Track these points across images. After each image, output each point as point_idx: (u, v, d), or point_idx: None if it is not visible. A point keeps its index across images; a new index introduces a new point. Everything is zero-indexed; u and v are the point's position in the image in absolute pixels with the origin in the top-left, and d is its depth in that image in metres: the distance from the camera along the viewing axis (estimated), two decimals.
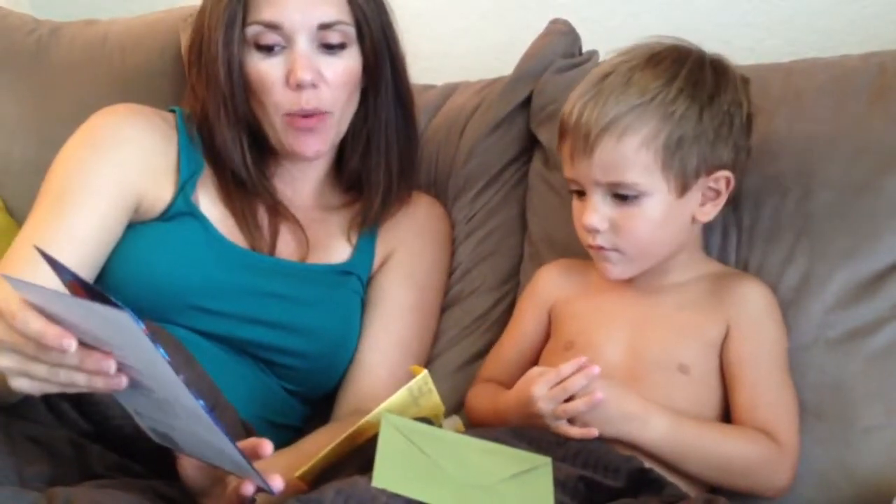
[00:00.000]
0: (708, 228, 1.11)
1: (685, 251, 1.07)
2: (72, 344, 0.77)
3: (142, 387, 0.80)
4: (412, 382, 0.98)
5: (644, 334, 1.04)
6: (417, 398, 1.01)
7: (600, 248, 1.02)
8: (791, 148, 1.12)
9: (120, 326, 0.75)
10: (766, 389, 1.01)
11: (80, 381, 0.80)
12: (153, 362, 0.76)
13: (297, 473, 0.96)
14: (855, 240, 1.08)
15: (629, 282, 1.07)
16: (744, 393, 1.01)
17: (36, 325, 0.77)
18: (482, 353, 1.22)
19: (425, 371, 0.99)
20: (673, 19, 1.45)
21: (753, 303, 1.05)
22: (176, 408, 0.80)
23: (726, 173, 1.03)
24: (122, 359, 0.78)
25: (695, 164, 1.00)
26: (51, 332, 0.77)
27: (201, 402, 0.77)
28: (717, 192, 1.04)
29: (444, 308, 1.28)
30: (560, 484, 0.90)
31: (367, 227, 1.22)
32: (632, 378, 1.02)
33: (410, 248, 1.24)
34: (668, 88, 0.99)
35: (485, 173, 1.33)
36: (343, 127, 1.18)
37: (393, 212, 1.23)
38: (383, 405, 0.95)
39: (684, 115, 0.99)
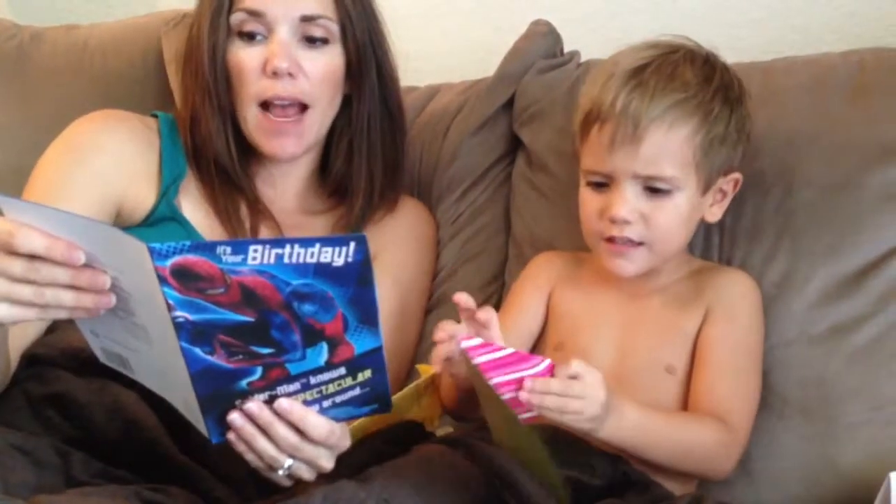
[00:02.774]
0: None
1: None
2: (81, 256, 0.76)
3: (121, 309, 0.80)
4: (420, 380, 0.99)
5: (632, 337, 1.05)
6: (422, 397, 1.01)
7: (625, 242, 1.01)
8: (772, 146, 1.13)
9: (122, 250, 0.74)
10: (728, 373, 1.01)
11: (67, 301, 0.79)
12: (149, 293, 0.75)
13: None
14: (836, 237, 1.08)
15: (619, 282, 1.07)
16: (706, 374, 1.01)
17: (41, 239, 0.76)
18: None
19: (434, 370, 0.99)
20: (654, 19, 1.46)
21: (731, 289, 1.05)
22: (151, 335, 0.80)
23: (737, 175, 1.05)
24: (114, 279, 0.78)
25: (719, 164, 1.02)
26: (60, 245, 0.75)
27: (183, 343, 0.77)
28: (724, 194, 1.06)
29: (430, 309, 1.28)
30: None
31: (349, 232, 1.22)
32: (620, 381, 1.02)
33: (395, 251, 1.23)
34: (707, 87, 1.01)
35: (469, 174, 1.33)
36: (323, 129, 1.18)
37: (376, 218, 1.23)
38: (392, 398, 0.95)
39: (718, 116, 1.00)
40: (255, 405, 0.82)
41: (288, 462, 0.87)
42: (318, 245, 0.75)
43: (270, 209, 1.20)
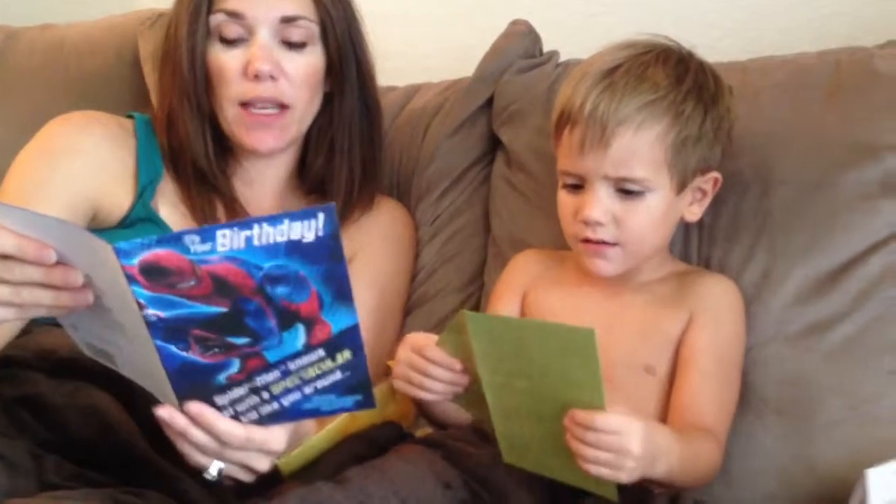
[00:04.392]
0: None
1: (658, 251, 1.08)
2: (52, 255, 0.76)
3: (97, 306, 0.80)
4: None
5: (611, 335, 1.04)
6: (396, 392, 1.01)
7: (600, 242, 1.02)
8: (749, 145, 1.13)
9: (91, 250, 0.74)
10: (712, 383, 1.01)
11: (45, 299, 0.79)
12: (121, 292, 0.75)
13: (280, 461, 0.96)
14: (813, 236, 1.09)
15: (599, 280, 1.06)
16: (691, 382, 1.01)
17: (11, 239, 0.76)
18: None
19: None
20: (633, 20, 1.45)
21: (715, 295, 1.05)
22: (127, 330, 0.80)
23: (716, 174, 1.05)
24: (86, 277, 0.78)
25: (694, 164, 1.02)
26: (30, 245, 0.75)
27: (158, 341, 0.77)
28: (704, 193, 1.06)
29: (409, 310, 1.28)
30: (526, 486, 0.90)
31: None
32: None
33: (372, 251, 1.23)
34: (678, 87, 1.01)
35: (448, 174, 1.33)
36: (303, 127, 1.18)
37: (354, 217, 1.23)
38: None
39: (691, 116, 1.00)
40: (165, 412, 0.82)
41: (217, 466, 0.86)
42: (286, 221, 0.74)
43: (248, 210, 1.19)
